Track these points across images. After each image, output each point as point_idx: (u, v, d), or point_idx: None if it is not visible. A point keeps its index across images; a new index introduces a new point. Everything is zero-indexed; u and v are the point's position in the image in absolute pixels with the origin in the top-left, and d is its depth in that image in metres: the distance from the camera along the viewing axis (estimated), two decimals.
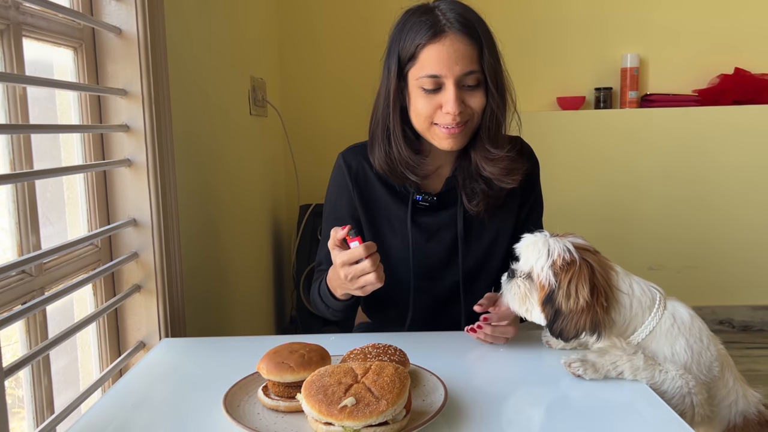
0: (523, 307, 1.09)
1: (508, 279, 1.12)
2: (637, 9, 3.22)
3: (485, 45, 1.17)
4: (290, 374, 0.92)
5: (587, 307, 1.02)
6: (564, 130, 3.17)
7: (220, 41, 1.98)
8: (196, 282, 1.60)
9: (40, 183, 1.13)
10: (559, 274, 1.04)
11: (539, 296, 1.06)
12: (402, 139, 1.25)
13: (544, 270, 1.05)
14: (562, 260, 1.04)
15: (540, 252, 1.06)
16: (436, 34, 1.16)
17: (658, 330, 1.06)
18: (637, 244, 3.21)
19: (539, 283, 1.06)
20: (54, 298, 1.06)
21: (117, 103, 1.30)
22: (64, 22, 1.20)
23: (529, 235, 1.11)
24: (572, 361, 1.05)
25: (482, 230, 1.33)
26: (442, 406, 0.89)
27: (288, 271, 2.93)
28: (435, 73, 1.16)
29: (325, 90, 3.15)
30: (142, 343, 1.35)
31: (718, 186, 3.14)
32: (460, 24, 1.15)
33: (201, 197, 1.71)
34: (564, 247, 1.05)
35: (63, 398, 1.17)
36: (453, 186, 1.30)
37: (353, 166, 1.34)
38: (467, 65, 1.16)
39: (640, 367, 1.02)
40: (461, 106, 1.17)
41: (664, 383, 1.02)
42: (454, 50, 1.15)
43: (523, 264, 1.09)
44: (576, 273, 1.03)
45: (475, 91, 1.19)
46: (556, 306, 1.04)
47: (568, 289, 1.03)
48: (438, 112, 1.19)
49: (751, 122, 3.14)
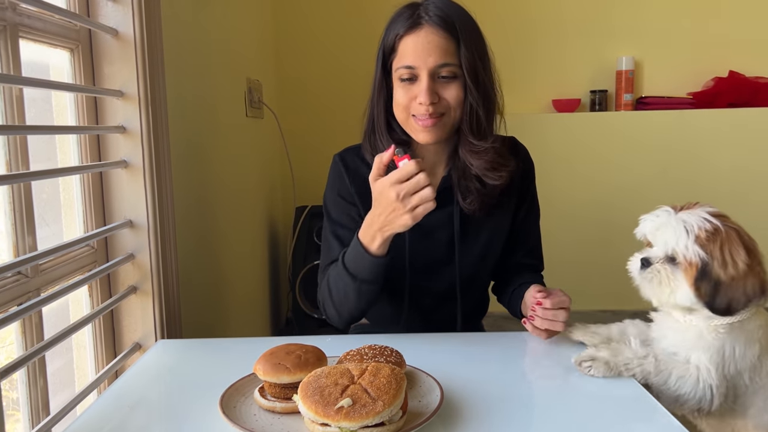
0: (666, 291, 1.04)
1: (643, 268, 1.07)
2: (632, 12, 3.23)
3: (464, 39, 1.18)
4: (287, 375, 0.92)
5: (749, 270, 0.97)
6: (559, 133, 3.18)
7: (217, 43, 1.98)
8: (192, 283, 1.59)
9: (36, 184, 1.13)
10: (706, 245, 0.99)
11: (688, 275, 1.01)
12: (385, 131, 1.27)
13: (689, 247, 1.00)
14: (705, 232, 1.00)
15: (677, 230, 1.01)
16: (413, 25, 1.18)
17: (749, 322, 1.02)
18: (631, 246, 3.20)
19: (686, 262, 1.01)
20: (50, 299, 1.06)
21: (113, 104, 1.30)
22: (60, 23, 1.20)
23: (653, 218, 1.07)
24: (583, 359, 1.04)
25: (479, 229, 1.33)
26: (438, 407, 0.89)
27: (284, 272, 2.92)
28: (409, 64, 1.18)
29: (322, 92, 3.16)
30: (138, 344, 1.35)
31: (713, 189, 3.15)
32: (438, 18, 1.17)
33: (197, 199, 1.71)
34: (701, 218, 1.01)
35: (58, 400, 1.17)
36: (449, 185, 1.30)
37: (350, 165, 1.34)
38: (441, 57, 1.17)
39: (651, 372, 1.01)
40: (434, 97, 1.18)
41: (680, 388, 1.01)
42: (428, 42, 1.17)
43: (660, 247, 1.04)
44: (725, 239, 0.99)
45: (450, 83, 1.19)
46: (714, 279, 0.99)
47: (723, 258, 0.98)
48: (413, 103, 1.20)
49: (745, 125, 3.15)
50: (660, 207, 1.09)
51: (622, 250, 3.24)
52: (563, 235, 3.22)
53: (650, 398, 0.96)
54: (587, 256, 3.25)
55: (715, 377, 1.01)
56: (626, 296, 3.72)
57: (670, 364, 1.04)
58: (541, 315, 1.15)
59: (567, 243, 3.23)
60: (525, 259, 1.41)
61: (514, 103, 3.54)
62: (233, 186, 2.11)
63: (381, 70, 1.26)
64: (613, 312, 3.26)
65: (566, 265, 3.25)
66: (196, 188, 1.70)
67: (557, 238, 3.30)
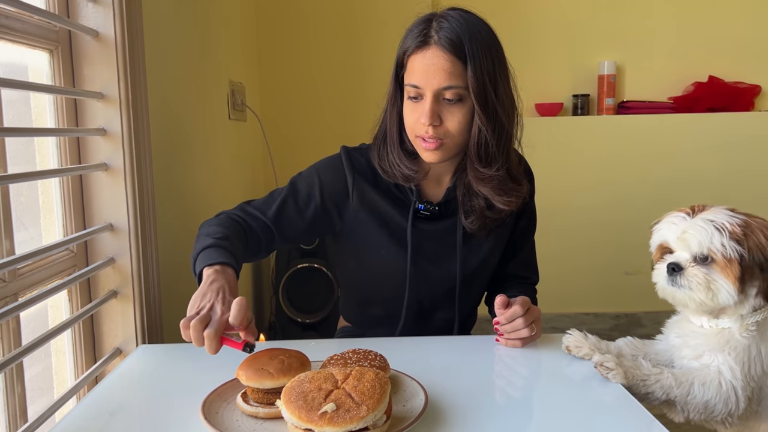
0: (709, 294, 1.02)
1: (675, 274, 1.05)
2: (613, 17, 3.27)
3: (472, 62, 1.14)
4: (270, 380, 0.91)
5: None
6: (542, 136, 3.19)
7: (199, 45, 1.97)
8: (174, 288, 1.58)
9: (14, 187, 1.11)
10: (743, 240, 0.99)
11: (728, 273, 1.00)
12: (397, 140, 1.26)
13: (726, 244, 0.99)
14: (738, 227, 1.00)
15: (707, 230, 1.01)
16: (421, 44, 1.16)
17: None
18: (613, 249, 3.24)
19: (724, 259, 1.00)
20: (28, 304, 1.04)
21: (94, 106, 1.29)
22: (39, 24, 1.18)
23: (672, 224, 1.06)
24: (605, 362, 1.03)
25: (481, 241, 1.32)
26: (422, 412, 0.89)
27: (267, 276, 2.91)
28: (415, 83, 1.16)
29: (305, 95, 3.15)
30: (119, 349, 1.33)
31: (693, 192, 3.19)
32: (447, 39, 1.14)
33: (179, 202, 1.70)
34: (727, 215, 1.02)
35: (37, 406, 1.15)
36: (453, 197, 1.29)
37: (357, 164, 1.31)
38: (445, 80, 1.14)
39: (672, 385, 1.01)
40: (435, 119, 1.16)
41: (706, 394, 1.01)
42: (433, 63, 1.14)
43: (694, 250, 1.03)
44: (759, 228, 1.00)
45: (455, 106, 1.16)
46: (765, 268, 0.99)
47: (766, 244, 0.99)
48: (418, 122, 1.18)
49: (724, 129, 3.20)
50: (670, 214, 1.09)
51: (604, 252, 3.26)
52: (545, 238, 3.23)
53: (635, 402, 0.97)
54: (570, 258, 3.27)
55: (739, 378, 1.01)
56: (608, 299, 3.75)
57: (689, 373, 1.04)
58: (503, 331, 1.18)
59: (549, 246, 3.24)
60: (518, 270, 1.41)
61: None
62: (216, 189, 2.09)
63: (394, 82, 1.24)
64: (595, 314, 3.29)
65: (548, 267, 3.26)
66: (177, 191, 1.69)
67: (539, 241, 3.32)
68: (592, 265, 3.29)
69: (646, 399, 1.03)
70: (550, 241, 3.25)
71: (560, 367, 1.12)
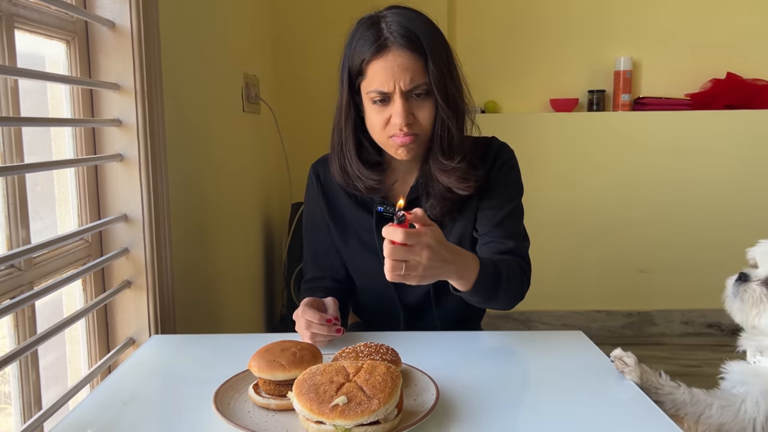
0: (754, 311, 1.05)
1: (740, 282, 1.07)
2: (631, 12, 3.23)
3: (431, 56, 1.14)
4: (281, 372, 0.91)
5: None
6: (557, 132, 3.18)
7: (214, 37, 1.97)
8: (187, 278, 1.59)
9: (30, 177, 1.12)
10: None
11: None
12: (354, 152, 1.25)
13: None
14: None
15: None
16: (380, 49, 1.14)
17: None
18: (627, 246, 3.22)
19: None
20: (43, 293, 1.05)
21: (109, 97, 1.29)
22: (57, 14, 1.19)
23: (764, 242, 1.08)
24: (624, 355, 1.02)
25: (448, 233, 1.29)
26: (433, 406, 0.88)
27: (279, 269, 2.91)
28: (381, 89, 1.15)
29: (319, 88, 3.14)
30: (132, 339, 1.34)
31: (709, 190, 3.16)
32: (403, 38, 1.13)
33: (193, 193, 1.70)
34: None
35: (51, 394, 1.17)
36: (418, 195, 1.28)
37: (321, 178, 1.35)
38: (412, 79, 1.14)
39: (687, 402, 1.01)
40: (410, 117, 1.16)
41: (722, 416, 1.01)
42: (398, 65, 1.13)
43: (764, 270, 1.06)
44: None
45: (424, 100, 1.17)
46: None
47: None
48: (389, 124, 1.18)
49: (742, 127, 3.16)
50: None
51: (617, 249, 3.24)
52: (558, 233, 3.22)
53: (648, 400, 0.96)
54: (582, 255, 3.26)
55: (763, 411, 1.01)
56: (621, 297, 3.72)
57: (711, 395, 1.04)
58: None
59: (562, 242, 3.23)
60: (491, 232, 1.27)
61: (513, 102, 3.56)
62: (229, 181, 2.10)
63: (348, 92, 1.22)
64: (608, 312, 3.27)
65: (561, 264, 3.25)
66: (191, 183, 1.69)
67: (553, 237, 3.31)
68: (605, 262, 3.27)
69: None
70: (564, 237, 3.24)
71: (574, 363, 1.12)
